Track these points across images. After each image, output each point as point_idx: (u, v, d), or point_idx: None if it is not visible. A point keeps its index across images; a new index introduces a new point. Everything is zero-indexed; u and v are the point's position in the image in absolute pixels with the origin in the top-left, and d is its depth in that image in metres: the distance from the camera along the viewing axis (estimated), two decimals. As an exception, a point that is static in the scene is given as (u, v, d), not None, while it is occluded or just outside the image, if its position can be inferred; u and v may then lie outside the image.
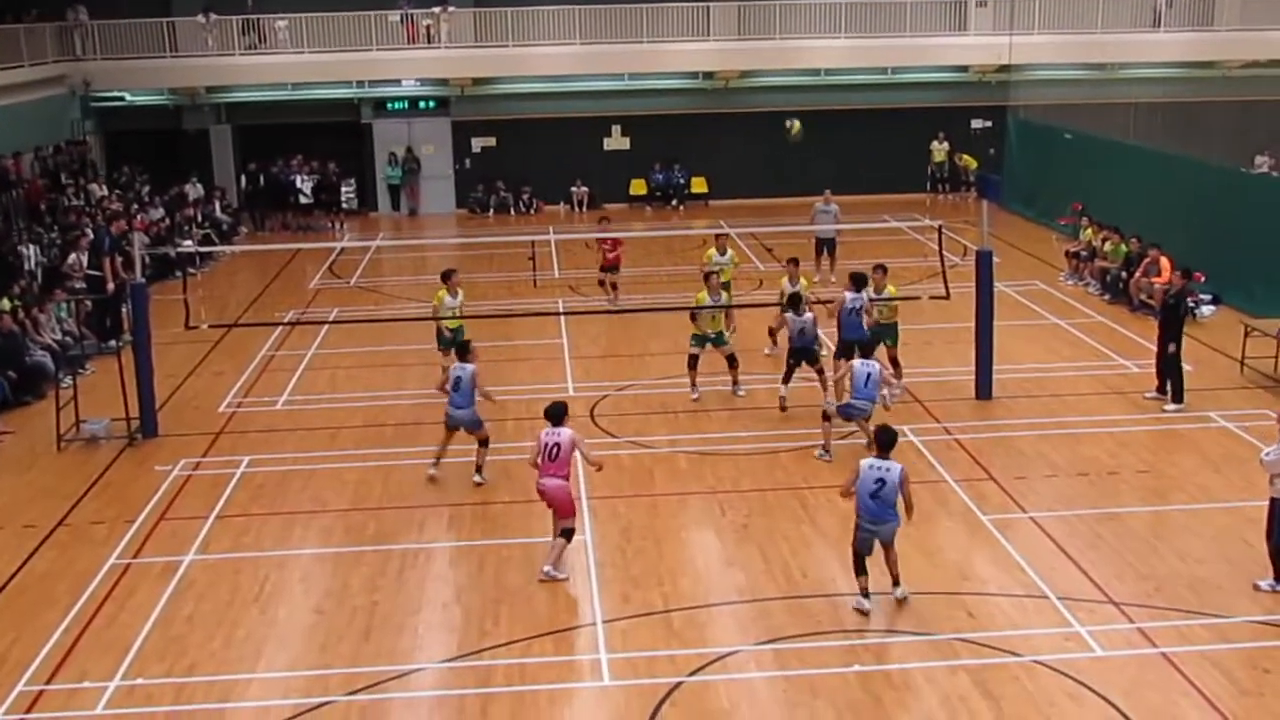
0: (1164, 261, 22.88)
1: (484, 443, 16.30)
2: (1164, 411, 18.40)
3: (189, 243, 29.34)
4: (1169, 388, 18.63)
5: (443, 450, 16.43)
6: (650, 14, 36.34)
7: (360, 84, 37.37)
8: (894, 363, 19.27)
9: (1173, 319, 18.62)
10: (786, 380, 18.57)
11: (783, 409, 18.38)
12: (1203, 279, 22.57)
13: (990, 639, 12.11)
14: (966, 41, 37.41)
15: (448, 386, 16.10)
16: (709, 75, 37.72)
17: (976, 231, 20.28)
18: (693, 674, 11.63)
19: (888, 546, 12.73)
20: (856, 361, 16.62)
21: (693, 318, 19.44)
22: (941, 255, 19.72)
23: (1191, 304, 22.61)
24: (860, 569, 12.73)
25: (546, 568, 13.52)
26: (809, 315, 18.47)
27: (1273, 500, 12.86)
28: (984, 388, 19.08)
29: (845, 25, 36.83)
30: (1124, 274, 24.64)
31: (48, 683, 11.74)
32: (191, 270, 26.00)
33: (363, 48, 35.73)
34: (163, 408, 19.01)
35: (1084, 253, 26.79)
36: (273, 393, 20.54)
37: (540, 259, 28.30)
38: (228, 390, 20.67)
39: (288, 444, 18.15)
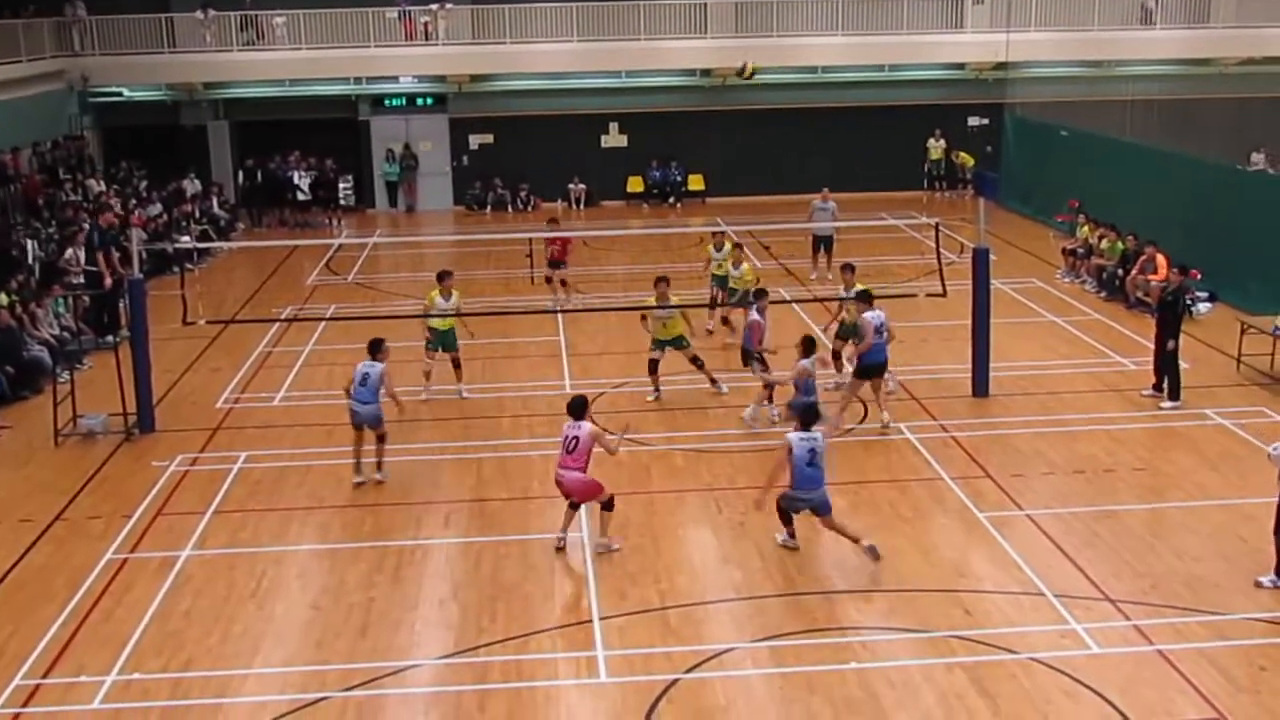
0: (1160, 259, 22.92)
1: (382, 439, 16.33)
2: (1160, 409, 18.42)
3: (187, 238, 29.33)
4: (1166, 385, 18.65)
5: (358, 451, 16.34)
6: (647, 11, 36.35)
7: (358, 80, 37.39)
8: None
9: (1171, 316, 18.64)
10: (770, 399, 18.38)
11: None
12: (1199, 276, 22.60)
13: (987, 636, 12.13)
14: (963, 39, 37.46)
15: (353, 385, 16.10)
16: (706, 73, 37.73)
17: (973, 229, 20.29)
18: (689, 671, 11.64)
19: (825, 517, 13.49)
20: (804, 361, 16.49)
21: (643, 319, 19.42)
22: (938, 253, 19.73)
23: (1188, 301, 22.63)
24: (788, 519, 13.88)
25: (600, 539, 14.04)
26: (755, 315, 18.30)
27: None
28: (981, 385, 19.10)
29: (842, 23, 36.86)
30: (1120, 271, 24.67)
31: (44, 676, 11.75)
32: (189, 266, 25.92)
33: (360, 44, 35.73)
34: (160, 403, 19.04)
35: (1081, 250, 26.82)
36: (270, 389, 20.54)
37: (537, 256, 28.27)
38: (225, 386, 20.68)
39: (285, 440, 18.16)
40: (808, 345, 16.67)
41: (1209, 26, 37.63)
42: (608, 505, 14.02)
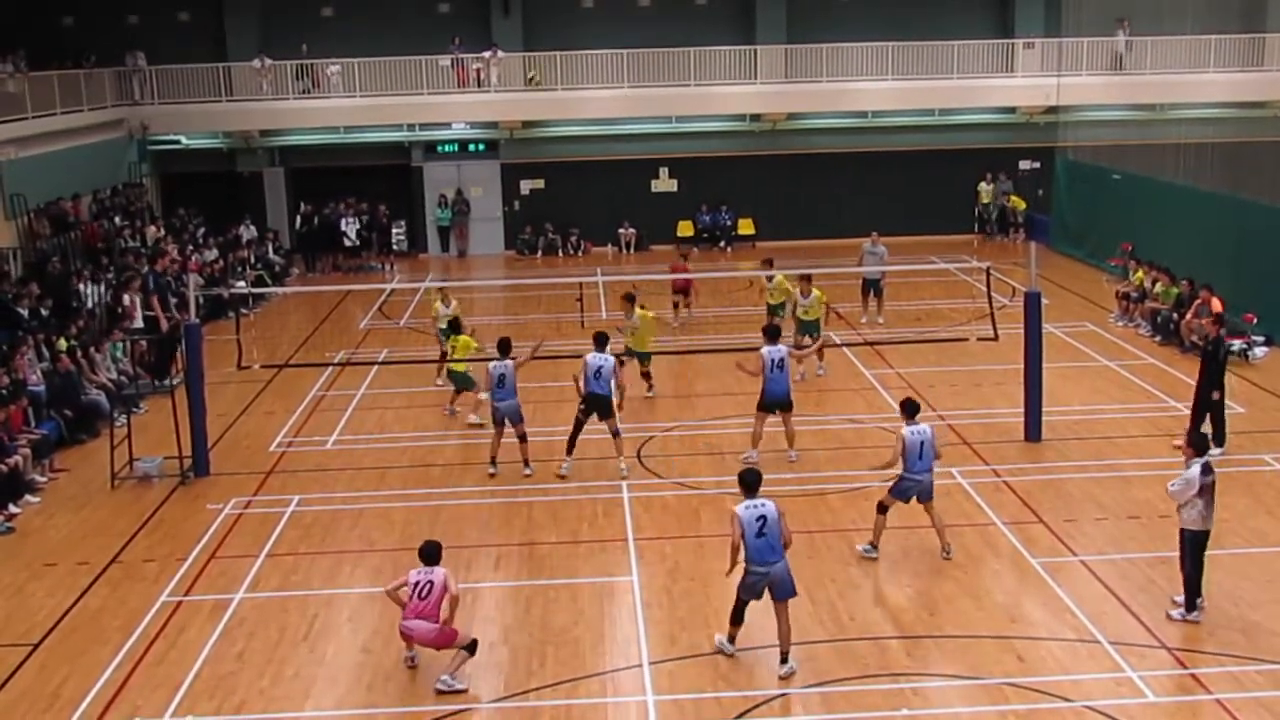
0: (1215, 302, 22.68)
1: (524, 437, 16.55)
2: (1212, 454, 18.12)
3: (242, 284, 29.73)
4: (1212, 431, 18.24)
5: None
6: (698, 57, 36.59)
7: (411, 127, 37.80)
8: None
9: (1213, 366, 18.30)
10: (570, 447, 18.04)
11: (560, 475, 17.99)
12: (1254, 320, 22.34)
13: (1041, 684, 12.00)
14: (1014, 83, 37.40)
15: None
16: (756, 117, 37.90)
17: (1025, 273, 20.21)
18: (740, 717, 11.59)
19: (783, 602, 12.29)
20: (907, 430, 14.71)
21: None
22: (989, 296, 19.68)
23: (1244, 345, 22.41)
24: (739, 618, 12.49)
25: (447, 677, 12.24)
26: (609, 358, 17.97)
27: (1181, 530, 13.18)
28: (1033, 430, 18.96)
29: (892, 68, 36.93)
30: (1175, 315, 24.45)
31: (99, 719, 11.86)
32: (244, 311, 26.31)
33: (413, 92, 36.18)
34: (214, 447, 19.23)
35: (1134, 294, 26.62)
36: (323, 432, 20.71)
37: (588, 300, 28.41)
38: (278, 430, 20.88)
39: (337, 483, 18.29)
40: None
41: (1262, 69, 37.35)
42: (471, 648, 12.38)
